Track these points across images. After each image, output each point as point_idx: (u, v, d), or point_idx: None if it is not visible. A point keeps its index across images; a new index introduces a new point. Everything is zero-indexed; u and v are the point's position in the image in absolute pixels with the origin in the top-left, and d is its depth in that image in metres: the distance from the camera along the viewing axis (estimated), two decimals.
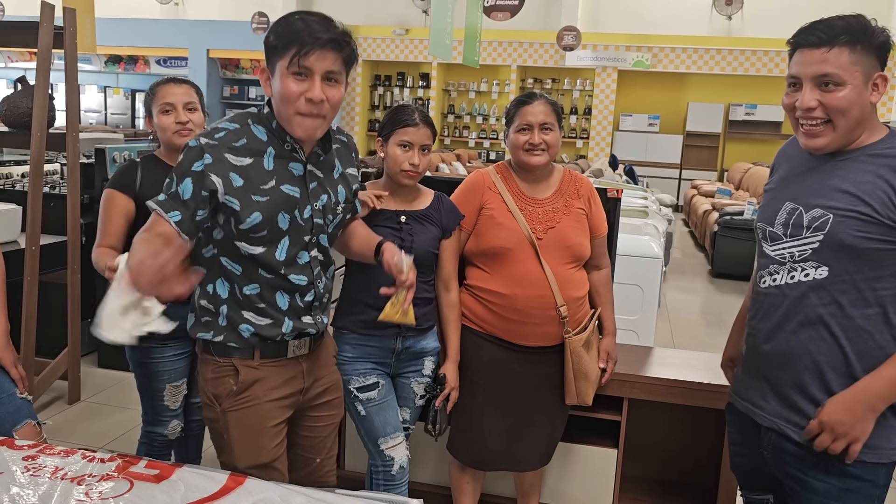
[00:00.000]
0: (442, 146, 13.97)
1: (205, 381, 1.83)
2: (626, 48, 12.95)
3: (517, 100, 2.39)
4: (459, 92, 14.21)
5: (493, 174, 2.44)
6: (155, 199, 1.69)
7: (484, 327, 2.40)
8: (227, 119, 1.73)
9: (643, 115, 13.67)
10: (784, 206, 1.70)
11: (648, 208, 5.27)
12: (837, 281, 1.60)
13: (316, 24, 1.62)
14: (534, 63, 13.36)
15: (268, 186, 1.69)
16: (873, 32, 1.57)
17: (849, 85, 1.56)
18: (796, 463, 1.67)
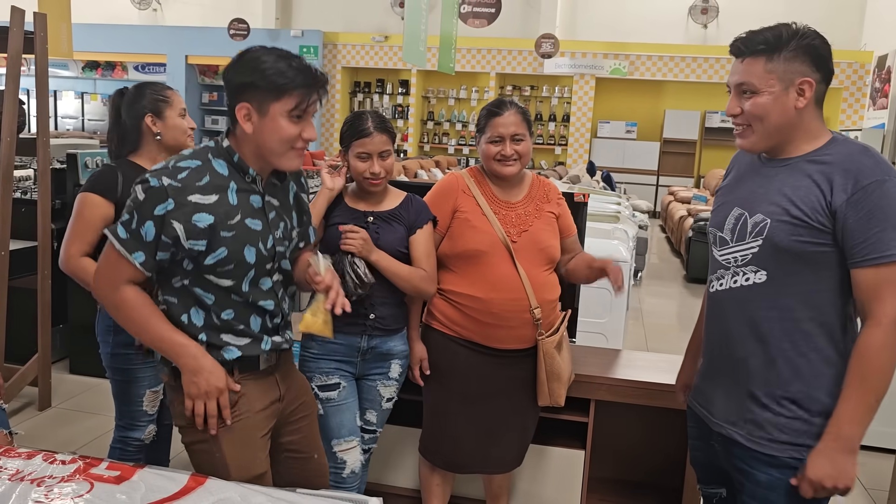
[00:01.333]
0: (421, 153, 14.00)
1: (180, 406, 1.78)
2: (603, 56, 13.06)
3: (488, 110, 2.41)
4: (439, 99, 14.26)
5: (466, 178, 2.46)
6: (116, 236, 1.68)
7: (458, 331, 2.42)
8: (188, 156, 1.74)
9: (621, 122, 13.79)
10: (732, 211, 1.75)
11: (621, 213, 5.32)
12: (776, 285, 1.65)
13: (306, 68, 1.71)
14: (512, 70, 13.44)
15: (234, 221, 1.72)
16: (796, 38, 1.62)
17: (764, 92, 1.63)
18: (743, 456, 1.72)
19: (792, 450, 1.67)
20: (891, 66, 10.91)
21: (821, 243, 1.60)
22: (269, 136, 1.70)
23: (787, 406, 1.67)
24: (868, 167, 1.57)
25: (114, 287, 1.70)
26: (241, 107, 1.69)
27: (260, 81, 1.66)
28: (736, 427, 1.74)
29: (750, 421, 1.71)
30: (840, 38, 12.47)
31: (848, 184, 1.57)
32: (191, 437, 1.79)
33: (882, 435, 3.54)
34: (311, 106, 1.71)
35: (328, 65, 13.83)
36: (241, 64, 1.70)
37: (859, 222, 1.55)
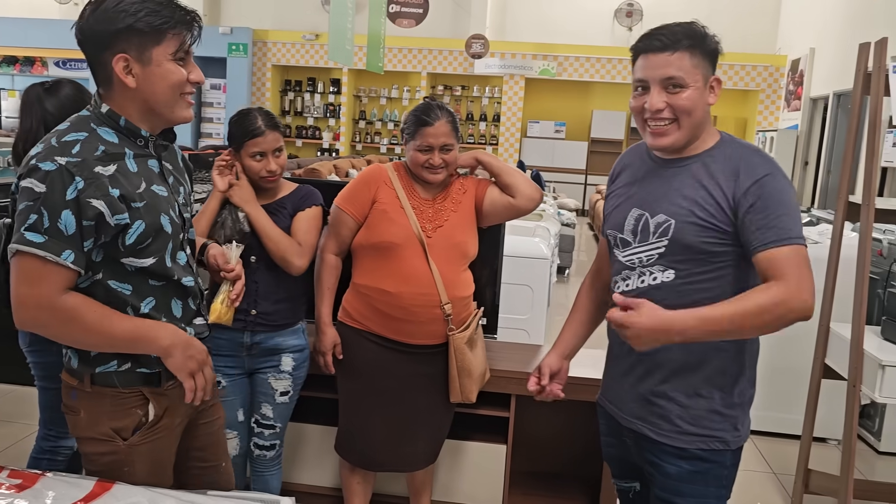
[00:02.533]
0: (353, 152, 13.94)
1: (96, 414, 1.61)
2: (532, 56, 13.24)
3: (417, 117, 2.40)
4: (371, 98, 14.22)
5: (390, 170, 2.47)
6: (30, 243, 1.44)
7: (369, 326, 2.42)
8: (68, 129, 1.53)
9: (550, 121, 14.01)
10: (631, 212, 1.77)
11: (545, 212, 5.42)
12: (683, 283, 1.68)
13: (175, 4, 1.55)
14: (443, 70, 13.50)
15: (141, 190, 1.55)
16: (708, 38, 1.68)
17: (691, 86, 1.65)
18: (653, 450, 1.77)
19: (700, 441, 1.71)
20: (803, 69, 11.39)
21: (724, 241, 1.65)
22: (157, 84, 1.53)
23: (695, 399, 1.71)
24: (759, 164, 1.65)
25: (50, 303, 1.46)
26: (119, 58, 1.50)
27: (137, 24, 1.48)
28: (645, 422, 1.77)
29: (658, 415, 1.75)
30: (756, 42, 12.97)
31: (745, 181, 1.63)
32: (98, 449, 1.62)
33: (786, 421, 3.71)
34: (192, 45, 1.56)
35: (258, 63, 13.65)
36: (104, 11, 1.51)
37: (758, 212, 1.60)
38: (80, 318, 1.49)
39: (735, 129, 13.49)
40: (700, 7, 13.15)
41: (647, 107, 1.68)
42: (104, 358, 1.59)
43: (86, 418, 1.62)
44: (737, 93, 13.30)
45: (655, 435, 1.75)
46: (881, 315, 2.88)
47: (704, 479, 1.73)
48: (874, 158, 2.66)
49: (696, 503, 1.74)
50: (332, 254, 2.49)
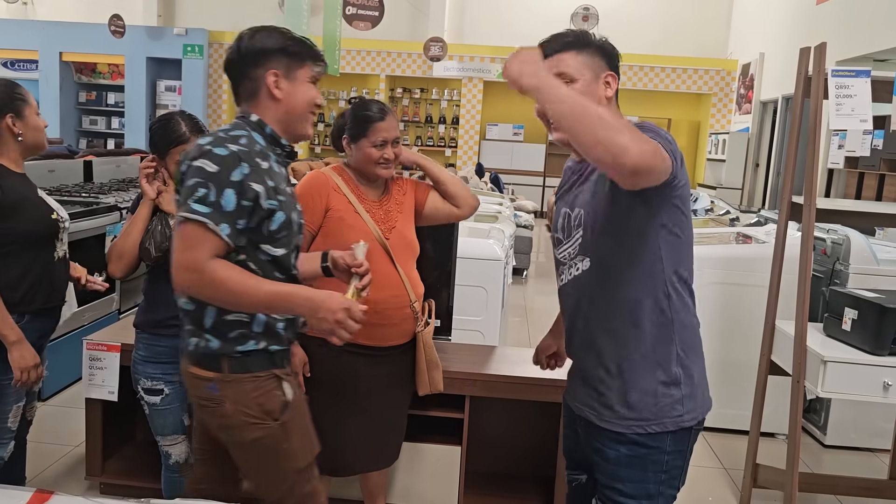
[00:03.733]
0: (312, 154, 13.85)
1: (243, 401, 1.78)
2: (490, 59, 13.31)
3: (365, 115, 2.40)
4: (329, 100, 14.14)
5: (334, 176, 2.44)
6: (196, 212, 1.66)
7: None
8: (231, 128, 1.79)
9: (508, 124, 14.08)
10: (561, 212, 1.88)
11: (501, 213, 5.46)
12: (597, 267, 1.76)
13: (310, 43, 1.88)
14: (402, 73, 13.50)
15: (283, 187, 1.82)
16: (594, 39, 1.79)
17: (580, 80, 1.73)
18: (596, 436, 1.82)
19: (635, 425, 1.74)
20: (753, 73, 11.64)
21: (629, 210, 1.68)
22: (298, 98, 1.81)
23: (631, 383, 1.74)
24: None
25: (201, 266, 1.66)
26: (271, 73, 1.79)
27: (289, 47, 1.80)
28: (592, 410, 1.82)
29: (601, 403, 1.79)
30: (709, 46, 13.22)
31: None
32: (252, 434, 1.78)
33: (736, 417, 3.79)
34: (320, 73, 1.86)
35: (214, 64, 13.48)
36: (261, 37, 1.81)
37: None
38: (225, 282, 1.67)
39: (689, 132, 13.73)
40: (654, 13, 13.38)
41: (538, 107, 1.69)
42: (243, 338, 1.79)
43: (232, 407, 1.79)
44: (690, 96, 13.54)
45: (598, 421, 1.80)
46: (825, 312, 2.96)
47: (643, 464, 1.76)
48: (815, 160, 2.74)
49: (635, 488, 1.77)
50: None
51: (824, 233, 4.00)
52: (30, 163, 5.02)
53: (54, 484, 3.09)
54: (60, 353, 3.99)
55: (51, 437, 3.54)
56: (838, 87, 2.71)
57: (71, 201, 4.53)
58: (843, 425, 3.91)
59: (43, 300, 2.41)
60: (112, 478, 3.02)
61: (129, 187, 5.53)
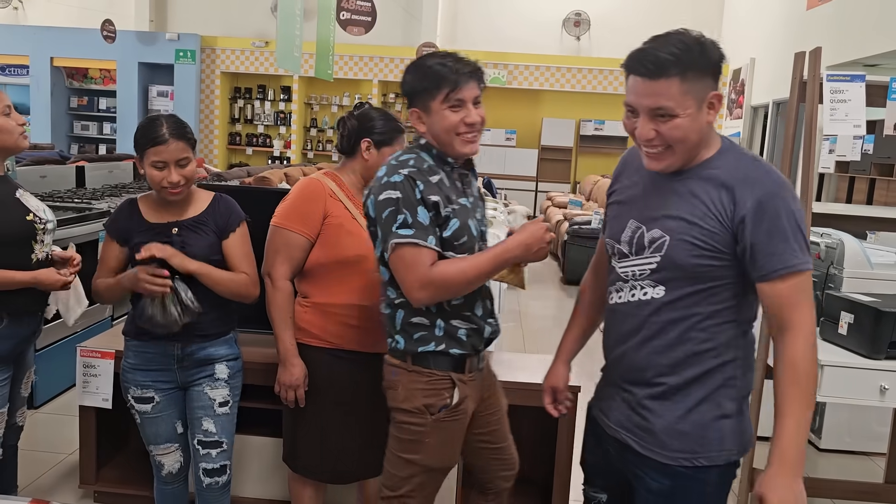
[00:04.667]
0: (305, 160, 13.83)
1: (410, 390, 2.01)
2: (483, 65, 13.28)
3: (391, 120, 2.47)
4: (322, 105, 14.14)
5: (328, 182, 2.41)
6: (405, 237, 1.88)
7: (336, 343, 2.38)
8: (400, 155, 2.01)
9: (500, 129, 14.10)
10: (629, 223, 1.73)
11: (495, 218, 5.45)
12: (673, 300, 1.65)
13: (451, 62, 1.97)
14: (395, 77, 13.49)
15: (454, 198, 1.98)
16: (703, 52, 1.56)
17: (681, 115, 1.56)
18: (636, 462, 1.74)
19: (682, 457, 1.67)
20: (744, 78, 11.70)
21: (720, 264, 1.61)
22: (437, 128, 1.96)
23: (679, 413, 1.67)
24: (761, 179, 1.58)
25: (430, 278, 1.87)
26: (412, 112, 2.00)
27: (419, 84, 1.96)
28: (630, 433, 1.75)
29: (643, 428, 1.72)
30: None
31: (746, 199, 1.56)
32: (408, 419, 2.02)
33: None
34: (463, 92, 1.94)
35: (207, 70, 13.46)
36: (410, 72, 2.00)
37: (761, 236, 1.55)
38: (455, 276, 1.88)
39: None
40: (645, 18, 13.41)
41: (637, 135, 1.63)
42: (425, 340, 2.00)
43: (403, 393, 2.03)
44: None
45: (639, 447, 1.73)
46: (820, 316, 2.97)
47: (686, 497, 1.69)
48: (810, 164, 2.75)
49: None
50: (287, 279, 2.39)
51: (818, 237, 4.01)
52: (22, 168, 5.01)
53: (48, 493, 3.07)
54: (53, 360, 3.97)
55: (44, 444, 3.52)
56: (833, 92, 2.73)
57: (63, 207, 4.51)
58: (837, 429, 3.92)
59: (21, 304, 2.36)
60: (107, 486, 3.01)
61: (122, 192, 5.50)
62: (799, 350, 1.58)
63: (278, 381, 2.40)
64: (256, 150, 14.02)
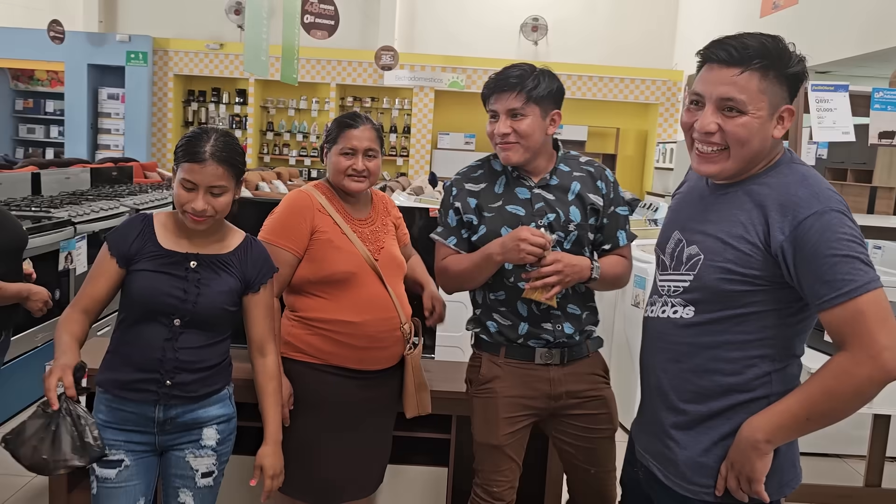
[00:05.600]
0: (261, 164, 13.61)
1: (465, 367, 2.34)
2: (441, 69, 13.30)
3: (341, 121, 2.32)
4: (278, 109, 13.93)
5: (317, 194, 2.33)
6: (436, 232, 2.25)
7: (328, 360, 2.31)
8: (476, 160, 2.25)
9: (460, 133, 14.08)
10: (674, 234, 1.65)
11: None
12: (703, 323, 1.55)
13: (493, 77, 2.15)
14: (353, 81, 13.39)
15: (495, 205, 2.15)
16: (789, 60, 1.46)
17: (751, 114, 1.45)
18: (659, 491, 1.68)
19: (704, 493, 1.59)
20: None
21: (753, 289, 1.50)
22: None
23: (706, 447, 1.58)
24: (804, 200, 1.44)
25: (438, 268, 2.26)
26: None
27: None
28: (655, 461, 1.68)
29: (666, 458, 1.64)
30: (655, 57, 13.47)
31: (785, 222, 1.44)
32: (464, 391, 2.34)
33: None
34: (494, 105, 2.12)
35: (159, 72, 13.14)
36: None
37: (807, 261, 1.42)
38: (450, 266, 2.21)
39: (636, 141, 13.95)
40: (601, 25, 13.57)
41: (697, 125, 1.50)
42: (471, 323, 2.30)
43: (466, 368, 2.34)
44: (638, 106, 13.76)
45: (662, 476, 1.66)
46: None
47: None
48: None
49: None
50: (274, 297, 2.29)
51: None
52: None
53: None
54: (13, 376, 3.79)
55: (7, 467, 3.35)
56: (819, 101, 2.75)
57: (20, 216, 4.31)
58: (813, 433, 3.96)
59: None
60: None
61: (81, 200, 5.30)
62: (841, 363, 1.42)
63: None
64: None
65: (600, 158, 14.12)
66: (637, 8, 13.62)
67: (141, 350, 1.94)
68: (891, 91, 2.74)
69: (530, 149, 2.10)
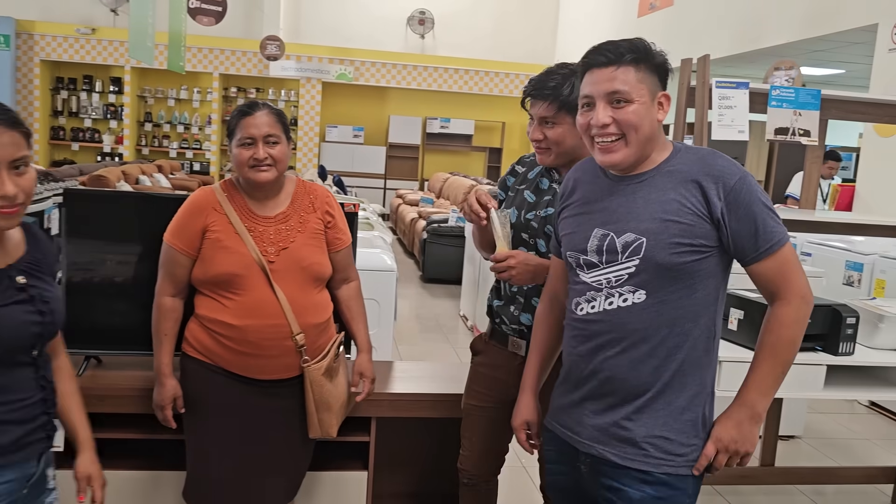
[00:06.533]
0: (139, 156, 12.94)
1: None
2: (329, 60, 13.08)
3: (238, 110, 2.18)
4: (157, 99, 13.29)
5: (218, 192, 2.21)
6: None
7: (214, 360, 2.18)
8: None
9: (348, 126, 13.92)
10: (594, 233, 1.71)
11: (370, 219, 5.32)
12: (655, 302, 1.64)
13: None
14: (237, 71, 12.94)
15: (520, 187, 2.28)
16: (654, 54, 1.66)
17: (637, 101, 1.63)
18: (614, 474, 1.69)
19: (665, 464, 1.65)
20: None
21: (701, 257, 1.63)
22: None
23: (663, 423, 1.65)
24: (726, 168, 1.63)
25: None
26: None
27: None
28: (607, 446, 1.70)
29: (622, 439, 1.67)
30: (538, 53, 13.76)
31: (718, 189, 1.61)
32: None
33: None
34: (531, 110, 2.13)
35: (24, 57, 12.23)
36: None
37: (741, 223, 1.61)
38: None
39: (521, 135, 14.22)
40: (486, 19, 13.74)
41: (593, 122, 1.65)
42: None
43: None
44: None
45: (619, 459, 1.67)
46: None
47: None
48: None
49: None
50: (169, 296, 2.22)
51: None
52: None
53: None
54: None
55: None
56: (721, 99, 2.84)
57: None
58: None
59: None
60: None
61: None
62: (784, 316, 1.65)
63: (153, 400, 2.26)
64: (84, 145, 12.94)
65: (486, 152, 14.37)
66: (520, 4, 13.87)
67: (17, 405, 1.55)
68: (787, 89, 2.87)
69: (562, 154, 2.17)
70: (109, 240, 2.53)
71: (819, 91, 2.94)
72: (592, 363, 1.72)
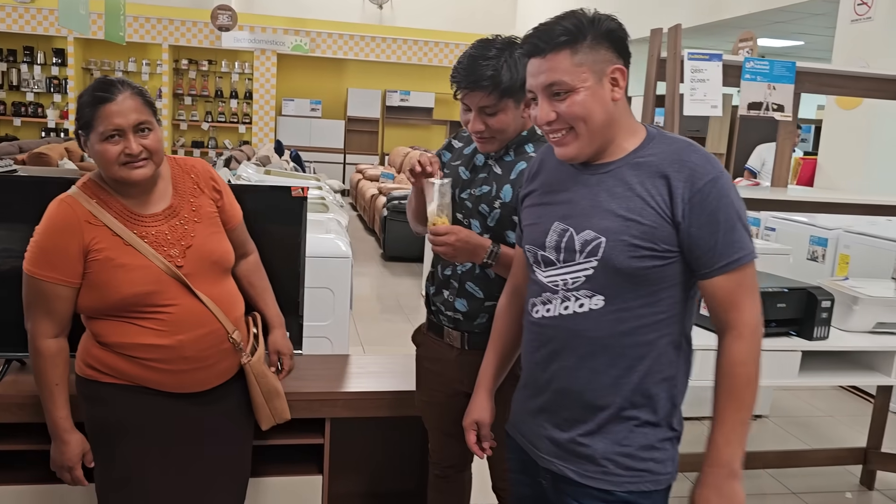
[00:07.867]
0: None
1: None
2: (284, 31, 12.68)
3: (93, 96, 1.77)
4: (104, 71, 12.73)
5: (84, 200, 1.84)
6: None
7: (138, 382, 1.90)
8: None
9: (305, 99, 13.56)
10: (553, 226, 1.55)
11: (326, 199, 5.09)
12: (614, 310, 1.49)
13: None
14: (187, 42, 12.47)
15: (454, 163, 2.13)
16: (598, 22, 1.47)
17: (580, 88, 1.45)
18: (574, 493, 1.57)
19: (628, 482, 1.52)
20: None
21: (664, 263, 1.47)
22: None
23: (624, 437, 1.52)
24: (700, 165, 1.45)
25: None
26: None
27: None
28: (566, 462, 1.57)
29: (581, 455, 1.55)
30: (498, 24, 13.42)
31: (686, 188, 1.44)
32: None
33: None
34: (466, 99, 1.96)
35: None
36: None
37: (702, 229, 1.44)
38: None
39: None
40: None
41: (538, 120, 1.51)
42: None
43: None
44: None
45: (579, 477, 1.55)
46: None
47: None
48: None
49: None
50: (51, 338, 1.88)
51: None
52: None
53: None
54: None
55: None
56: (693, 72, 2.68)
57: None
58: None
59: None
60: None
61: None
62: (737, 355, 1.48)
63: (51, 460, 1.97)
64: (26, 120, 12.39)
65: (447, 125, 14.13)
66: None
67: None
68: (761, 61, 2.72)
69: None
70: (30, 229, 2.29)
71: (794, 63, 2.79)
72: (547, 372, 1.59)
